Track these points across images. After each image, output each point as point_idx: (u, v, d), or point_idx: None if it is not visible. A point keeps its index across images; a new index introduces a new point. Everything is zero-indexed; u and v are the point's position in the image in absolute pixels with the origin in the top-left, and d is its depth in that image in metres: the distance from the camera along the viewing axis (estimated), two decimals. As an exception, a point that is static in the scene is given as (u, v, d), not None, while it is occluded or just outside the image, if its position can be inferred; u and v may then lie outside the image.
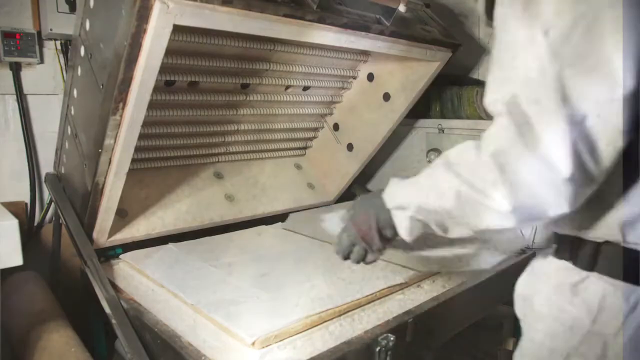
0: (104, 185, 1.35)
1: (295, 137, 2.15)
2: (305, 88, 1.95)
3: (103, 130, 1.23)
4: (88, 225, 1.46)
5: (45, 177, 1.73)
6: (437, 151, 2.08)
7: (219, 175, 1.91)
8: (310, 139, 2.24)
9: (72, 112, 1.48)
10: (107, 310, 1.21)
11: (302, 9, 1.28)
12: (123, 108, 1.18)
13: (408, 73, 1.89)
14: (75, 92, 1.44)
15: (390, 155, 2.33)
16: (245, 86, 1.76)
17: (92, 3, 1.23)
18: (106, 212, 1.42)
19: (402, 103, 1.95)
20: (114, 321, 1.18)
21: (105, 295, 1.24)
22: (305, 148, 2.26)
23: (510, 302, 1.02)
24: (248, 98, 1.81)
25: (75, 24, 1.36)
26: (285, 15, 1.25)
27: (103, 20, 1.20)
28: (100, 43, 1.20)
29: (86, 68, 1.30)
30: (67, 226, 1.49)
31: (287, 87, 1.89)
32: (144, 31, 1.05)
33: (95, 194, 1.37)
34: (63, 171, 1.67)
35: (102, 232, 1.48)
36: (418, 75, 1.88)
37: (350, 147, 2.15)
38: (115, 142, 1.25)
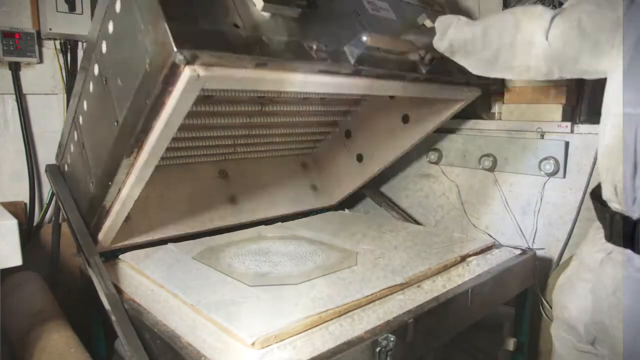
0: (111, 206, 1.34)
1: (305, 139, 2.12)
2: (323, 98, 1.88)
3: (114, 168, 1.19)
4: (93, 229, 1.44)
5: (45, 168, 1.68)
6: (437, 151, 2.08)
7: (223, 174, 1.89)
8: (320, 140, 2.20)
9: (81, 121, 1.43)
10: (107, 306, 1.21)
11: (338, 64, 1.20)
12: (138, 152, 1.14)
13: (431, 102, 1.80)
14: (85, 104, 1.37)
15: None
16: (261, 97, 1.71)
17: (110, 28, 1.14)
18: (112, 224, 1.41)
19: (420, 130, 1.88)
20: (113, 318, 1.17)
21: (105, 292, 1.24)
22: (313, 148, 2.22)
23: (510, 302, 1.04)
24: (264, 108, 1.76)
25: (90, 32, 1.27)
26: (320, 72, 1.18)
27: (123, 57, 1.10)
28: (117, 78, 1.13)
29: (99, 89, 1.23)
30: (68, 220, 1.48)
31: (305, 98, 1.82)
32: (169, 92, 0.98)
33: (101, 212, 1.37)
34: (66, 168, 1.64)
35: (106, 239, 1.47)
36: (442, 107, 1.80)
37: (359, 157, 2.09)
38: (126, 177, 1.22)
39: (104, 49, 1.18)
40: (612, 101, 1.00)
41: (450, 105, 1.78)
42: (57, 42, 1.87)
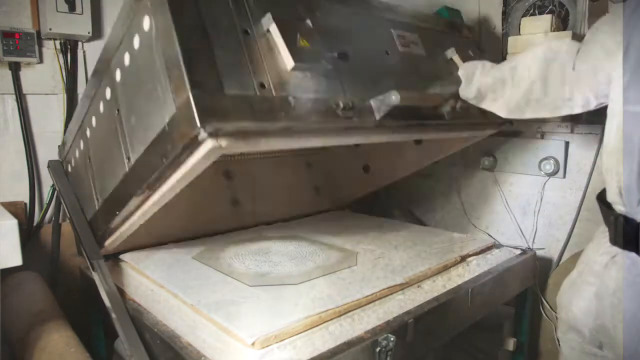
0: (118, 227, 1.32)
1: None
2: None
3: (123, 200, 1.18)
4: (99, 238, 1.42)
5: (48, 164, 1.64)
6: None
7: (227, 175, 1.89)
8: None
9: (88, 133, 1.38)
10: (107, 303, 1.20)
11: (362, 119, 1.13)
12: (149, 195, 1.11)
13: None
14: (93, 120, 1.32)
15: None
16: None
17: (126, 59, 1.08)
18: (118, 237, 1.39)
19: (433, 155, 1.82)
20: (114, 315, 1.17)
21: (106, 289, 1.24)
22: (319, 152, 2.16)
23: (510, 302, 1.04)
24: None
25: (106, 45, 1.18)
26: (345, 128, 1.12)
27: (138, 99, 1.04)
28: (131, 116, 1.08)
29: (110, 115, 1.18)
30: (71, 221, 1.46)
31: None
32: (188, 156, 0.93)
33: (106, 229, 1.36)
34: (69, 169, 1.62)
35: (111, 246, 1.46)
36: (459, 140, 1.72)
37: (366, 169, 2.03)
38: (135, 210, 1.20)
39: (117, 76, 1.13)
40: (618, 102, 0.99)
41: (468, 140, 1.73)
42: (57, 42, 1.87)
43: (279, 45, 1.01)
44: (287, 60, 1.00)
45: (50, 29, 1.77)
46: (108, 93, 1.19)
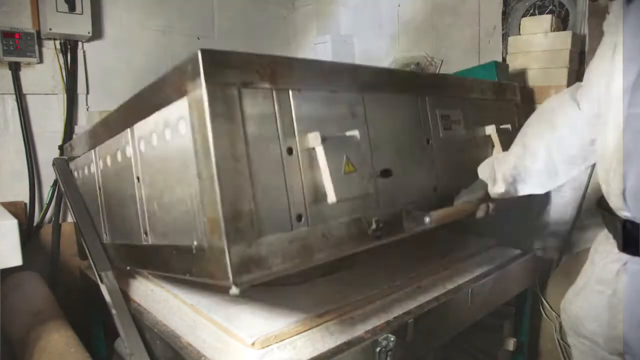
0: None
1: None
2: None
3: (136, 263, 1.17)
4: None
5: (53, 162, 1.59)
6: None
7: None
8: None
9: (101, 164, 1.29)
10: (108, 299, 1.21)
11: (391, 236, 1.08)
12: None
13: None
14: (109, 160, 1.22)
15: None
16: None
17: (154, 139, 0.96)
18: None
19: None
20: (114, 312, 1.17)
21: (108, 286, 1.24)
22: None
23: (510, 302, 1.03)
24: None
25: (136, 98, 1.03)
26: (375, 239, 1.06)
27: (164, 194, 0.96)
28: (154, 200, 1.00)
29: (130, 177, 1.09)
30: (78, 227, 1.42)
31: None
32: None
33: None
34: (75, 174, 1.56)
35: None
36: None
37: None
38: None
39: (142, 146, 1.03)
40: (617, 107, 0.97)
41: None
42: (57, 42, 1.87)
43: (324, 176, 0.90)
44: (329, 195, 0.90)
45: (50, 29, 1.77)
46: (129, 151, 1.08)
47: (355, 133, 0.98)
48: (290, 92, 0.89)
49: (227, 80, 0.79)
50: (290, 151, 0.88)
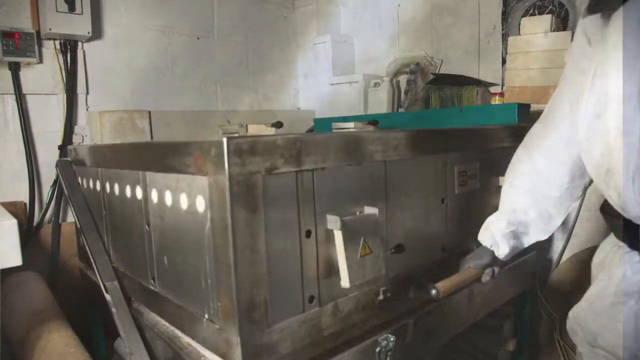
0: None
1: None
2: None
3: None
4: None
5: (56, 163, 1.59)
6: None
7: None
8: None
9: (108, 189, 1.29)
10: (108, 298, 1.20)
11: (396, 305, 1.12)
12: None
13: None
14: (117, 188, 1.22)
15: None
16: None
17: (168, 199, 0.95)
18: None
19: None
20: (114, 310, 1.17)
21: (109, 286, 1.24)
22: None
23: (510, 302, 1.02)
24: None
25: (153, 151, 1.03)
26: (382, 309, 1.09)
27: (177, 256, 0.97)
28: (164, 256, 1.01)
29: (142, 223, 1.09)
30: (82, 233, 1.41)
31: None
32: None
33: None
34: (79, 178, 1.56)
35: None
36: None
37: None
38: None
39: (154, 197, 1.02)
40: (614, 103, 0.96)
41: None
42: (57, 42, 1.87)
43: (340, 261, 0.90)
44: (343, 280, 0.91)
45: (50, 29, 1.77)
46: (139, 193, 1.07)
47: (375, 211, 0.96)
48: (314, 173, 0.88)
49: (252, 169, 0.78)
50: (308, 234, 0.87)
